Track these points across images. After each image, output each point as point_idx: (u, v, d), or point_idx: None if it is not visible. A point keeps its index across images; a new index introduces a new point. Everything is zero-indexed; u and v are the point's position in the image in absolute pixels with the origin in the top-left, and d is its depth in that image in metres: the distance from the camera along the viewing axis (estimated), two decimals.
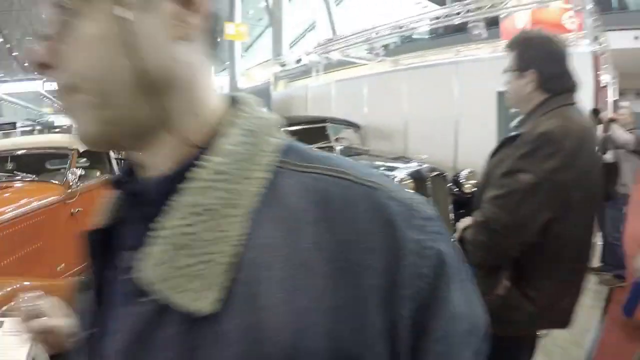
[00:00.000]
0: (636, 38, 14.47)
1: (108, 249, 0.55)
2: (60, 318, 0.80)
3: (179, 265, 0.44)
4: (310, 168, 0.49)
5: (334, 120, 7.06)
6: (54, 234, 3.75)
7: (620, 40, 13.51)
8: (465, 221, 1.76)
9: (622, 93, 17.26)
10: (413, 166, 4.62)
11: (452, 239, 0.54)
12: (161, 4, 0.46)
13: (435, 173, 4.68)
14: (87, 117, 0.48)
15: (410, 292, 0.44)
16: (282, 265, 0.43)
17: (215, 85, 0.55)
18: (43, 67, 0.48)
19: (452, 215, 4.69)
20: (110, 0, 0.44)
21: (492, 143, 5.93)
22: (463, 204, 4.99)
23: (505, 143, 1.76)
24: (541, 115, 1.61)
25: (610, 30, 7.73)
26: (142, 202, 0.51)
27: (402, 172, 4.49)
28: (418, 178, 4.48)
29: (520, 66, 1.70)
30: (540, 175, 1.47)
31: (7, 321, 1.56)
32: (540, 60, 1.69)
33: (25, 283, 2.90)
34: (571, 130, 1.54)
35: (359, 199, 0.46)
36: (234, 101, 0.54)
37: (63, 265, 3.77)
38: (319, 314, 0.42)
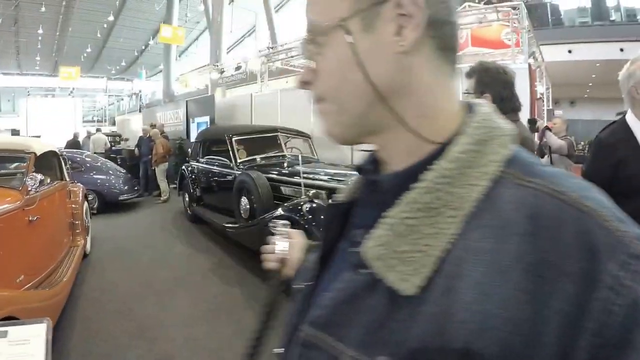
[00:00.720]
0: (570, 52, 15.48)
1: (344, 223, 0.66)
2: (296, 253, 1.00)
3: (396, 249, 0.50)
4: (530, 182, 0.50)
5: (285, 130, 7.12)
6: (10, 243, 3.43)
7: (556, 53, 14.64)
8: None
9: (557, 102, 18.33)
10: None
11: None
12: (381, 26, 0.54)
13: None
14: (331, 121, 0.61)
15: (594, 326, 0.44)
16: (483, 269, 0.46)
17: (454, 89, 0.59)
18: (305, 84, 0.62)
19: None
20: (341, 31, 0.55)
21: None
22: None
23: None
24: None
25: (546, 44, 8.34)
26: (377, 191, 0.60)
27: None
28: None
29: (478, 90, 2.10)
30: None
31: (11, 330, 1.55)
32: (495, 85, 2.13)
33: None
34: (523, 142, 1.79)
35: (569, 221, 0.47)
36: (470, 109, 0.59)
37: (23, 276, 3.53)
38: (501, 321, 0.44)
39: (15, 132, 20.96)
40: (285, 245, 1.00)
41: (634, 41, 14.98)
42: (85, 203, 6.49)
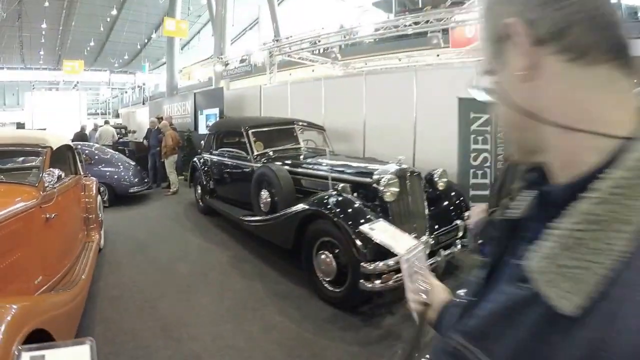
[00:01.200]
0: None
1: (512, 237, 0.65)
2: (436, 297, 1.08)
3: (559, 264, 0.48)
4: None
5: (300, 122, 6.91)
6: (28, 243, 3.21)
7: None
8: (476, 209, 2.21)
9: None
10: (393, 167, 4.62)
11: None
12: (506, 60, 0.60)
13: (413, 172, 4.72)
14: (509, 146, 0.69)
15: None
16: None
17: (622, 95, 0.54)
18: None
19: (426, 211, 4.77)
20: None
21: (453, 144, 6.01)
22: (434, 200, 5.09)
23: None
24: None
25: None
26: (547, 203, 0.58)
27: (388, 171, 4.49)
28: (401, 177, 4.52)
29: None
30: None
31: (50, 355, 1.39)
32: None
33: None
34: None
35: None
36: None
37: (41, 277, 3.31)
38: None
39: (20, 126, 20.77)
40: (427, 288, 1.10)
41: (635, 38, 14.84)
42: (99, 196, 6.28)
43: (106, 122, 15.24)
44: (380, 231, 3.60)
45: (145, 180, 10.11)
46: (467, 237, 2.51)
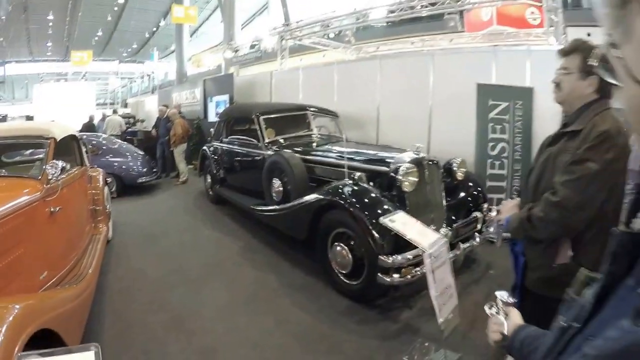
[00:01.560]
0: (589, 35, 14.92)
1: (636, 256, 0.54)
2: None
3: None
4: None
5: (312, 108, 6.70)
6: (32, 238, 3.08)
7: (575, 36, 13.90)
8: (508, 204, 2.20)
9: None
10: (411, 155, 4.42)
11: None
12: (635, 31, 0.48)
13: (431, 161, 4.53)
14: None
15: None
16: None
17: None
18: None
19: (444, 202, 4.58)
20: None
21: (470, 132, 5.77)
22: (451, 191, 4.89)
23: (560, 137, 2.02)
24: (594, 116, 1.89)
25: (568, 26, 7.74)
26: None
27: (405, 160, 4.30)
28: (419, 166, 4.33)
29: (585, 70, 1.92)
30: (602, 164, 1.79)
31: None
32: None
33: None
34: (621, 129, 1.83)
35: None
36: None
37: (46, 273, 3.20)
38: None
39: (29, 119, 20.79)
40: (504, 321, 1.11)
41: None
42: (106, 188, 6.15)
43: (114, 112, 15.16)
44: (401, 223, 3.40)
45: (154, 170, 9.98)
46: (494, 231, 2.33)
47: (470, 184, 5.03)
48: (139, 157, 9.76)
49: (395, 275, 3.59)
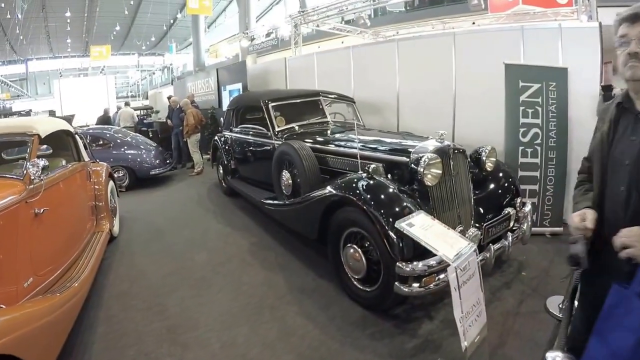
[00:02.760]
0: (618, 15, 14.18)
1: None
2: None
3: None
4: None
5: (327, 94, 6.23)
6: (15, 243, 2.82)
7: (606, 17, 13.18)
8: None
9: None
10: (434, 143, 3.90)
11: None
12: None
13: (457, 149, 3.97)
14: None
15: None
16: None
17: None
18: None
19: (472, 196, 4.04)
20: None
21: (499, 118, 5.22)
22: (480, 183, 4.35)
23: None
24: None
25: (602, 6, 7.12)
26: None
27: (428, 149, 3.78)
28: (444, 156, 3.76)
29: None
30: None
31: None
32: None
33: None
34: None
35: None
36: None
37: (31, 279, 2.91)
38: None
39: (52, 113, 20.88)
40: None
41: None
42: (111, 182, 5.90)
43: (126, 104, 14.87)
44: (421, 227, 2.90)
45: (167, 161, 9.69)
46: (580, 250, 1.67)
47: (501, 174, 4.42)
48: (152, 149, 9.49)
49: (415, 285, 3.06)
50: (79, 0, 31.01)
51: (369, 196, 3.39)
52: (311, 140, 5.10)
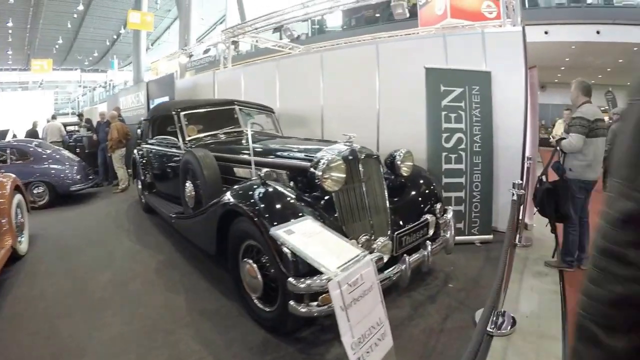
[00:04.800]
0: (546, 33, 14.61)
1: None
2: None
3: None
4: None
5: (242, 103, 5.80)
6: None
7: (532, 34, 13.59)
8: None
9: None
10: (340, 147, 3.56)
11: None
12: None
13: (368, 154, 3.61)
14: None
15: None
16: None
17: None
18: None
19: (388, 204, 3.68)
20: None
21: (423, 124, 4.92)
22: (398, 189, 4.04)
23: None
24: None
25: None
26: None
27: (329, 152, 3.40)
28: (349, 160, 3.40)
29: None
30: None
31: None
32: None
33: None
34: None
35: None
36: None
37: None
38: None
39: None
40: None
41: (610, 24, 14.23)
42: (19, 196, 5.27)
43: (53, 117, 13.87)
44: (303, 235, 2.45)
45: (90, 177, 8.93)
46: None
47: (421, 180, 4.13)
48: (75, 164, 8.70)
49: (313, 304, 2.64)
50: (22, 10, 29.16)
51: (257, 204, 2.98)
52: (216, 149, 4.65)
